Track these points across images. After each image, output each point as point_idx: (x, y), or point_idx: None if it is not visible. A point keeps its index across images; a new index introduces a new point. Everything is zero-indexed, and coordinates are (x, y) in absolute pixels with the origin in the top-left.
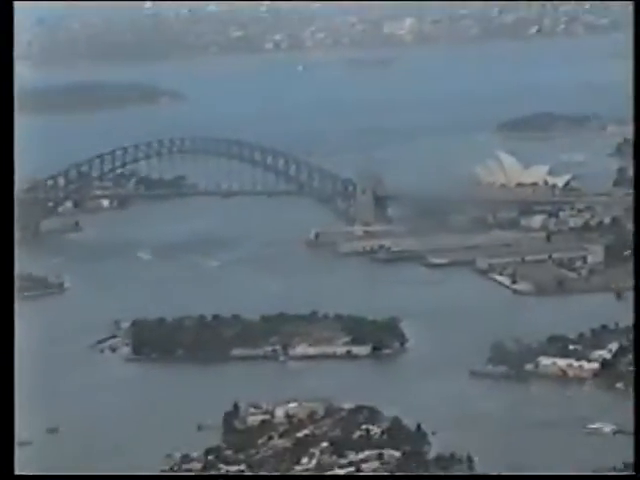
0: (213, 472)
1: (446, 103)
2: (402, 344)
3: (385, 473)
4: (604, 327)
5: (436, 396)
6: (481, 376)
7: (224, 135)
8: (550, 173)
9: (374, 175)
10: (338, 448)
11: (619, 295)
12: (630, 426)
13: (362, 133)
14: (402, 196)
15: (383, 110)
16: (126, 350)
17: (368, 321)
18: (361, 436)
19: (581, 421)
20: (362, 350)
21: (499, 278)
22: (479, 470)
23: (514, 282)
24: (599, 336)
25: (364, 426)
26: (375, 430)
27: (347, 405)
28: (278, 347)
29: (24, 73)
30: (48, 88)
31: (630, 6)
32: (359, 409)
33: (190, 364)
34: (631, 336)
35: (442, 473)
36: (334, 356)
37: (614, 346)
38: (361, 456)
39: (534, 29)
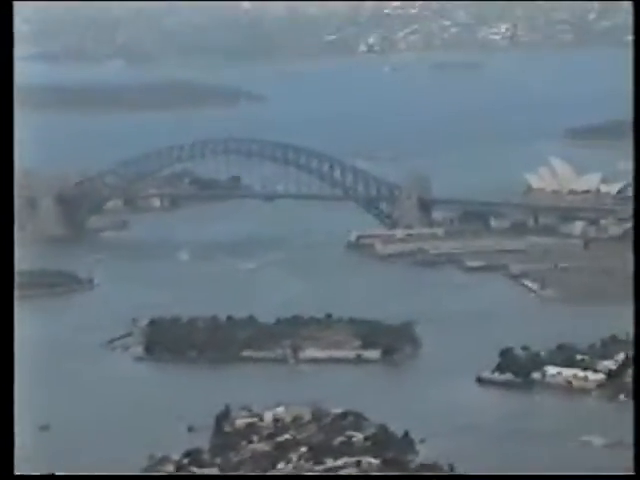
0: (185, 473)
1: (524, 108)
2: (414, 349)
3: None
4: (614, 337)
5: (435, 403)
6: (487, 383)
7: (289, 136)
8: (604, 181)
9: (421, 179)
10: (317, 454)
11: None
12: (624, 438)
13: (428, 136)
14: (449, 200)
15: (456, 115)
16: (138, 349)
17: (382, 325)
18: (343, 442)
19: (575, 434)
20: (372, 354)
21: (529, 284)
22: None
23: (542, 288)
24: (608, 346)
25: (348, 432)
26: (358, 437)
27: (335, 410)
28: (288, 350)
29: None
30: (139, 85)
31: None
32: (345, 415)
33: (199, 365)
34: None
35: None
36: (344, 360)
37: (620, 357)
38: (339, 463)
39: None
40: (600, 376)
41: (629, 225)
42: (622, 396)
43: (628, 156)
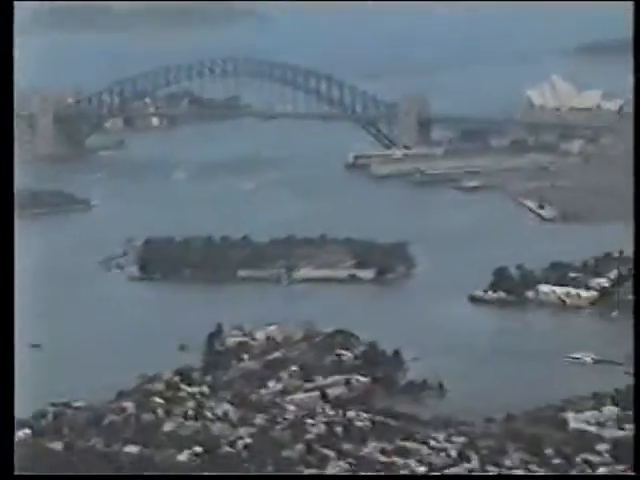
0: (172, 392)
1: (535, 26)
2: (408, 268)
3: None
4: (607, 255)
5: (428, 322)
6: (480, 302)
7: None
8: (604, 97)
9: (419, 98)
10: (307, 372)
11: None
12: (614, 354)
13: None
14: (448, 118)
15: (465, 33)
16: (133, 269)
17: (376, 245)
18: (333, 361)
19: (566, 351)
20: (366, 274)
21: (527, 203)
22: (448, 396)
23: (541, 207)
24: (601, 264)
25: (338, 351)
26: (348, 355)
27: (326, 329)
28: (282, 270)
29: None
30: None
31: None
32: (336, 333)
33: (193, 285)
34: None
35: (410, 399)
36: (337, 280)
37: (613, 274)
38: (328, 381)
39: None
40: (592, 293)
41: (629, 142)
42: (614, 313)
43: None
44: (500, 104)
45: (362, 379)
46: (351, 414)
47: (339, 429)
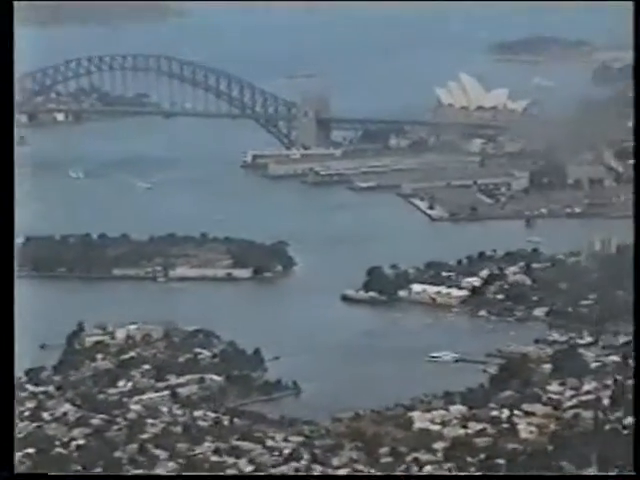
0: (19, 392)
1: (456, 22)
2: (286, 268)
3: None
4: (481, 254)
5: (297, 321)
6: (352, 302)
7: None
8: (510, 97)
9: (319, 98)
10: (160, 371)
11: (528, 222)
12: (474, 352)
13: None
14: (348, 119)
15: (383, 28)
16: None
17: (256, 244)
18: (189, 360)
19: (430, 350)
20: (242, 273)
21: (419, 203)
22: (303, 396)
23: (430, 207)
24: (475, 263)
25: (195, 349)
26: (205, 354)
27: (188, 328)
28: (158, 268)
29: None
30: None
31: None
32: (197, 332)
33: (68, 283)
34: (503, 264)
35: (267, 398)
36: (214, 278)
37: (484, 273)
38: (181, 380)
39: None
40: (463, 292)
41: (525, 142)
42: (483, 312)
43: (544, 72)
44: (409, 102)
45: (216, 378)
46: (198, 413)
47: (178, 429)
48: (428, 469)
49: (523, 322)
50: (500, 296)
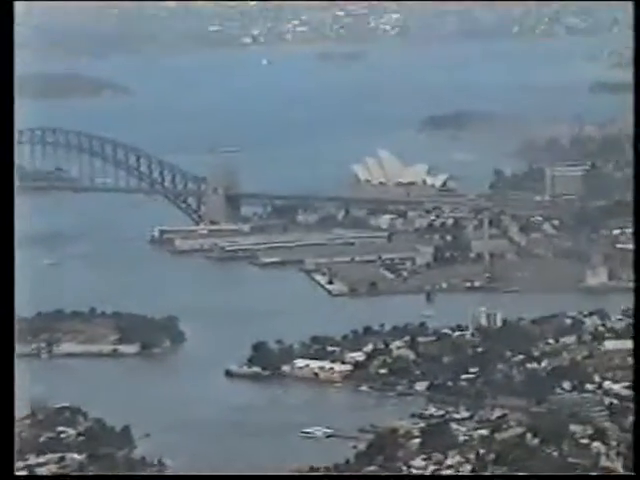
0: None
1: (395, 97)
2: (176, 344)
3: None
4: (367, 329)
5: (176, 397)
6: (236, 377)
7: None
8: (429, 172)
9: (228, 173)
10: (20, 452)
11: (428, 297)
12: (345, 428)
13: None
14: (258, 195)
15: (320, 106)
16: None
17: (146, 319)
18: (51, 438)
19: (306, 425)
20: (129, 349)
21: (319, 278)
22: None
23: (330, 282)
24: (360, 338)
25: (59, 428)
26: (70, 432)
27: (54, 405)
28: (42, 344)
29: None
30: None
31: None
32: (63, 410)
33: None
34: (389, 339)
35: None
36: (100, 354)
37: (369, 348)
38: (41, 459)
39: (516, 29)
40: (347, 367)
41: (434, 217)
42: (364, 387)
43: (465, 147)
44: (326, 179)
45: (77, 457)
46: None
47: None
48: None
49: (404, 397)
50: (383, 370)
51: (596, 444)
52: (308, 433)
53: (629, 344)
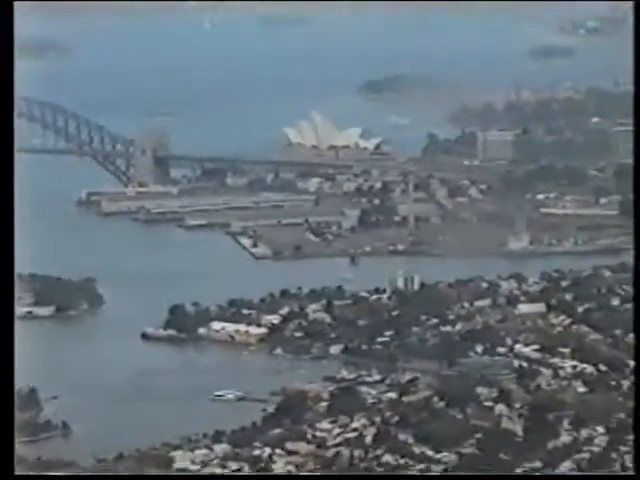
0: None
1: (334, 63)
2: (93, 306)
3: None
4: (284, 291)
5: (89, 360)
6: (152, 339)
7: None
8: (362, 136)
9: (158, 135)
10: None
11: (352, 260)
12: (254, 390)
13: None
14: (187, 157)
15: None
16: None
17: (63, 282)
18: None
19: (219, 388)
20: (43, 311)
21: (245, 241)
22: (73, 437)
23: (254, 245)
24: (277, 301)
25: None
26: None
27: None
28: None
29: None
30: None
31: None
32: None
33: None
34: (305, 302)
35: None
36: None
37: (285, 311)
38: None
39: None
40: (262, 330)
41: (362, 180)
42: (279, 350)
43: (401, 110)
44: (258, 141)
45: None
46: None
47: None
48: None
49: (318, 360)
50: (298, 334)
51: (499, 406)
52: (219, 396)
53: (542, 307)
